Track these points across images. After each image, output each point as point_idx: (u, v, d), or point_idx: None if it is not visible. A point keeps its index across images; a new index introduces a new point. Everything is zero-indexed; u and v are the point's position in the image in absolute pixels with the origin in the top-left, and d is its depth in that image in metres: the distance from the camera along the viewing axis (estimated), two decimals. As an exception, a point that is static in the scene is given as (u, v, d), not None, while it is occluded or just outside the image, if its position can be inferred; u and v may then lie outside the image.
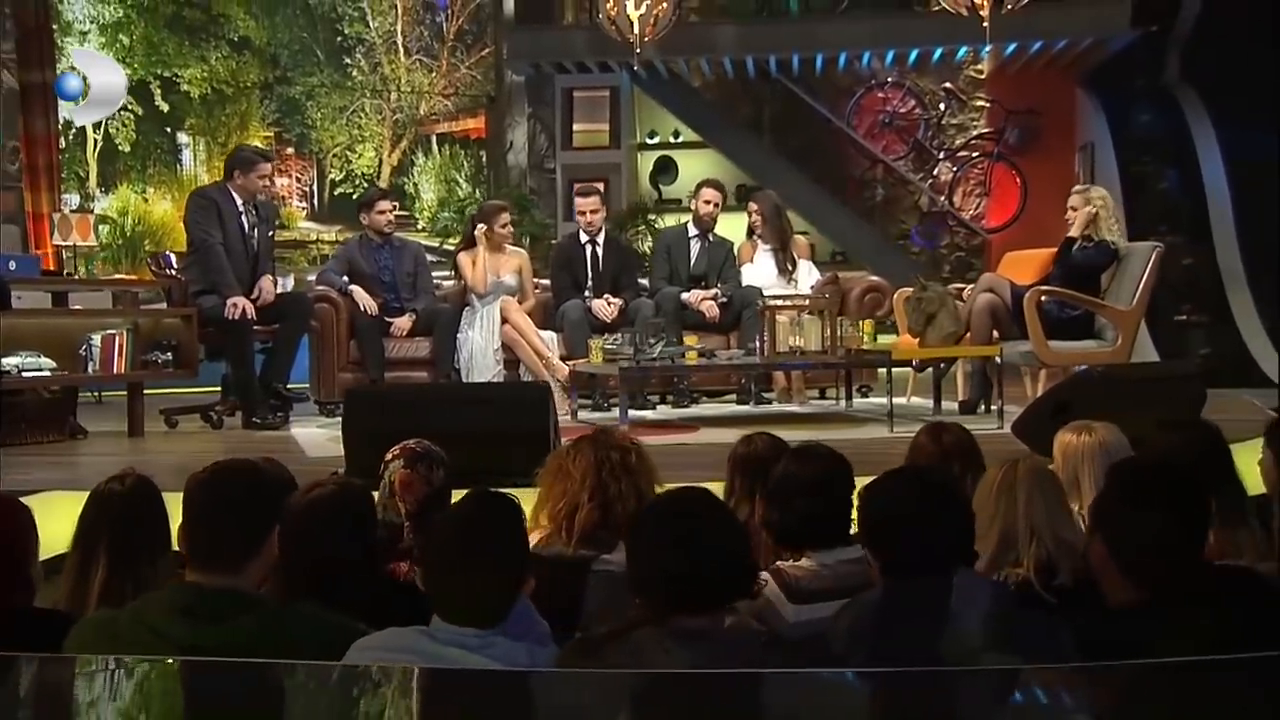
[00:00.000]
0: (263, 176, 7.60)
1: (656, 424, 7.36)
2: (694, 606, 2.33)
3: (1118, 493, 2.54)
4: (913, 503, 2.50)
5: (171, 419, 7.46)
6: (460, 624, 2.38)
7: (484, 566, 2.39)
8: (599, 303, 8.18)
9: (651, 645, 2.29)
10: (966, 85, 13.17)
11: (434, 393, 6.16)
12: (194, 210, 7.38)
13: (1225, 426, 5.29)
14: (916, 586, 2.41)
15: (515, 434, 4.23)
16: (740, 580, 2.38)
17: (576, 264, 8.41)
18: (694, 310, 8.20)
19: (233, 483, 2.59)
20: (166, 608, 2.47)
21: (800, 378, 8.23)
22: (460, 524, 2.49)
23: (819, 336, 6.79)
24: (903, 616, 2.38)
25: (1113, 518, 2.49)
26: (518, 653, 2.43)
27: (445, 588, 2.40)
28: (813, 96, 12.92)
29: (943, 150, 13.16)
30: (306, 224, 12.90)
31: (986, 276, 7.67)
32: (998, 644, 2.30)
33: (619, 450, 3.49)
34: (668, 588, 2.34)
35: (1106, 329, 7.23)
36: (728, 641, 2.35)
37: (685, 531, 2.36)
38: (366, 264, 8.12)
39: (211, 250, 7.26)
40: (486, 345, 7.89)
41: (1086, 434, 3.72)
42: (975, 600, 2.35)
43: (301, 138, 12.99)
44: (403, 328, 7.95)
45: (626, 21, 9.91)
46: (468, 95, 13.30)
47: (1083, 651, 2.36)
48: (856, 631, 2.41)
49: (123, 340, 6.88)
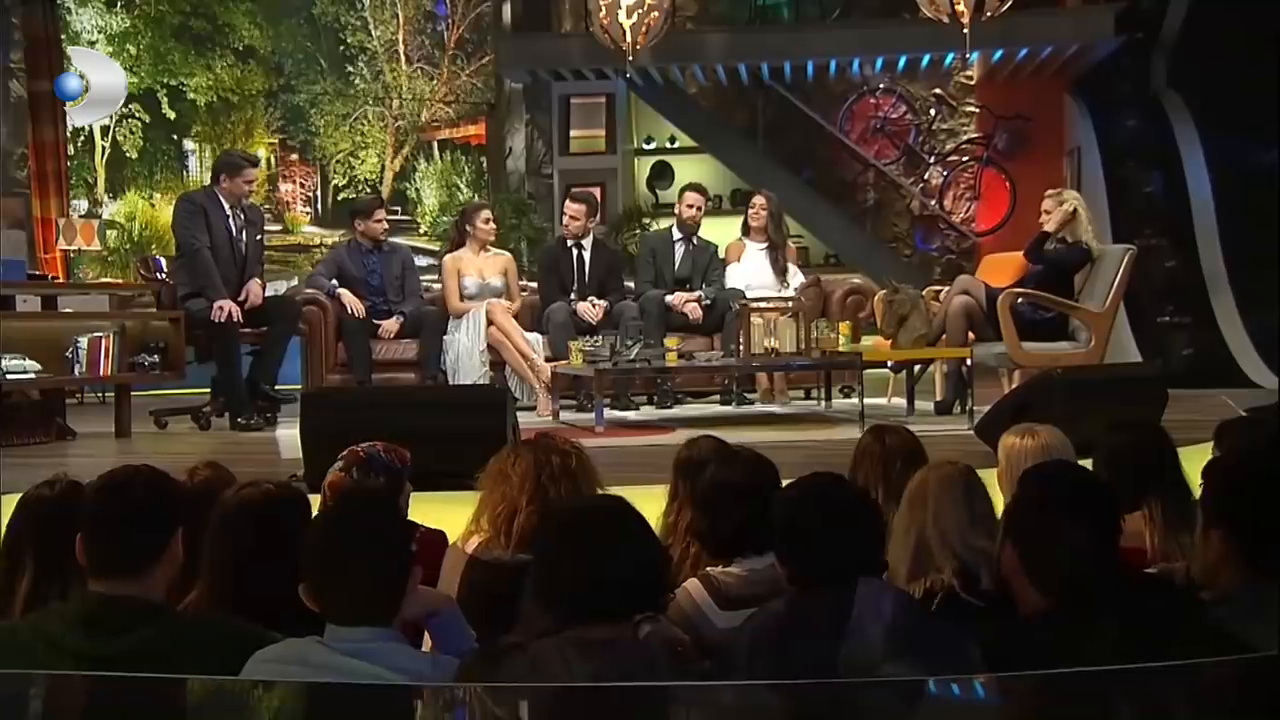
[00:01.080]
0: (249, 181, 7.52)
1: (634, 425, 7.27)
2: (597, 617, 2.22)
3: (1025, 499, 2.43)
4: (817, 512, 2.39)
5: (161, 420, 7.40)
6: (351, 624, 2.28)
7: (359, 562, 2.29)
8: (584, 305, 8.09)
9: (552, 657, 2.18)
10: (957, 91, 13.04)
11: (392, 395, 6.06)
12: (181, 215, 7.31)
13: (1196, 427, 5.20)
14: (819, 596, 2.30)
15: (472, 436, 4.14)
16: (646, 592, 2.26)
17: (563, 267, 8.33)
18: (678, 312, 8.11)
19: (129, 488, 2.49)
20: (66, 618, 2.38)
21: (783, 378, 8.13)
22: (330, 525, 2.38)
23: (794, 338, 6.68)
24: (804, 627, 2.27)
25: (1021, 525, 2.38)
26: (420, 661, 2.33)
27: (326, 590, 2.30)
28: (806, 103, 12.82)
29: (933, 155, 13.03)
30: (310, 229, 12.82)
31: (962, 279, 7.56)
32: (899, 655, 2.19)
33: (560, 454, 3.38)
34: (570, 598, 2.23)
35: (1080, 330, 7.10)
36: (633, 654, 2.24)
37: (589, 540, 2.24)
38: (355, 268, 8.05)
39: (198, 255, 7.19)
40: (472, 347, 7.81)
41: (1030, 437, 3.61)
42: (879, 611, 2.24)
43: (305, 144, 12.90)
44: (390, 330, 7.87)
45: (619, 29, 9.82)
46: (469, 102, 13.22)
47: (990, 662, 2.25)
48: (758, 642, 2.30)
49: (109, 343, 6.80)
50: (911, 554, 2.89)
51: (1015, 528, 2.40)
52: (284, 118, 12.83)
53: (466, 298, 8.06)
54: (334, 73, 12.86)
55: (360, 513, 2.41)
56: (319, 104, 12.83)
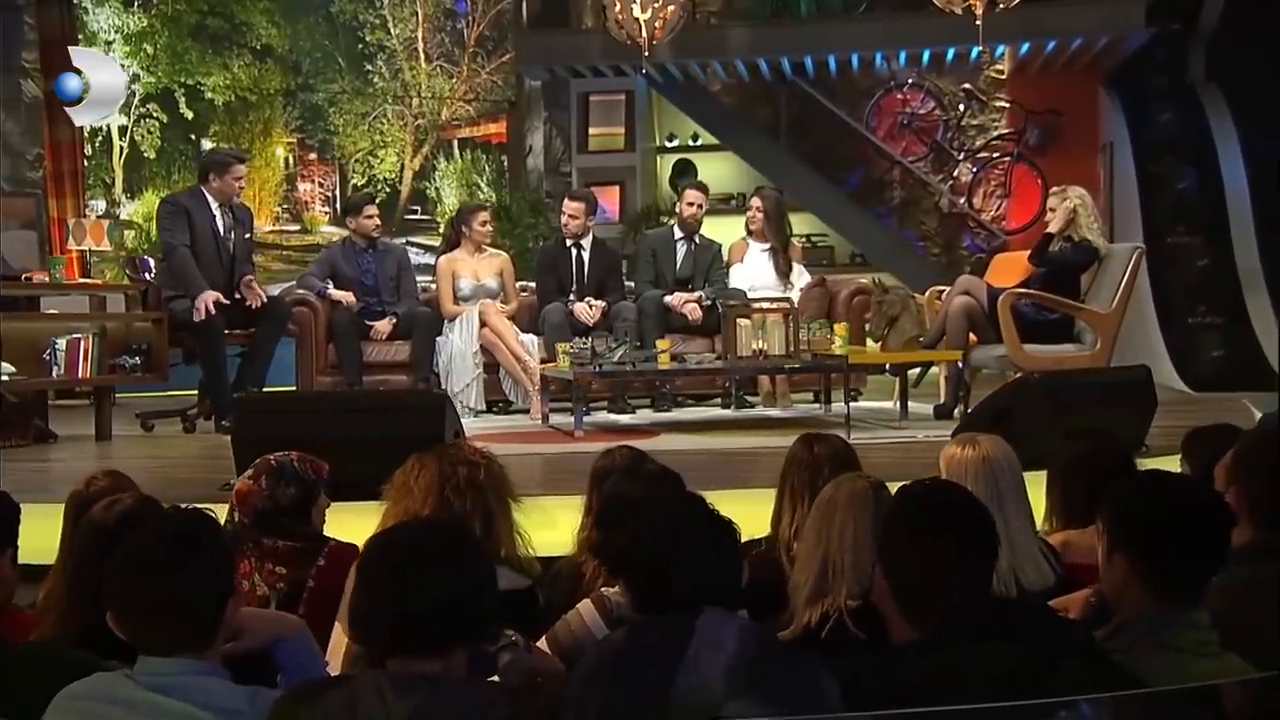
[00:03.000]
0: (239, 178, 7.46)
1: (619, 429, 7.08)
2: (415, 649, 2.05)
3: (893, 521, 2.23)
4: (661, 533, 2.20)
5: (147, 423, 7.33)
6: (161, 655, 2.13)
7: (163, 588, 2.14)
8: (580, 306, 7.94)
9: (369, 693, 2.01)
10: (987, 86, 12.73)
11: (328, 400, 5.90)
12: (162, 217, 7.27)
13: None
14: (656, 627, 2.11)
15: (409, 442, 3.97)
16: (466, 622, 2.07)
17: (562, 267, 8.18)
18: (677, 313, 7.93)
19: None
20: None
21: (785, 381, 7.92)
22: (132, 548, 2.22)
23: (782, 340, 6.48)
24: (636, 661, 2.08)
25: (887, 549, 2.19)
26: (236, 697, 2.17)
27: (128, 618, 2.16)
28: (831, 99, 12.55)
29: (963, 151, 12.72)
30: (328, 228, 12.74)
31: (963, 279, 7.32)
32: (743, 692, 2.00)
33: (467, 465, 3.22)
34: (380, 629, 2.06)
35: (1085, 332, 6.84)
36: (459, 690, 2.06)
37: (399, 568, 2.06)
38: (349, 268, 7.96)
39: (175, 253, 7.12)
40: (465, 349, 7.69)
41: (970, 447, 3.39)
42: (721, 642, 2.05)
43: (324, 143, 12.83)
44: (382, 331, 7.77)
45: (634, 25, 9.66)
46: (489, 100, 13.09)
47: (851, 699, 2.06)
48: (590, 677, 2.11)
49: (88, 345, 6.73)
50: (815, 575, 2.70)
51: (881, 551, 2.20)
52: (302, 117, 12.77)
53: (461, 299, 7.94)
54: (352, 71, 12.78)
55: (166, 534, 2.25)
56: (337, 103, 12.76)
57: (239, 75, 12.43)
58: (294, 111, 12.76)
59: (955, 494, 2.30)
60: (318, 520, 3.35)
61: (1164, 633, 2.28)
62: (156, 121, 12.21)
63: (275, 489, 3.30)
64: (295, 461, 3.37)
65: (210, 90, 12.34)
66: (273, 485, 3.30)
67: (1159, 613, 2.30)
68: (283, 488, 3.31)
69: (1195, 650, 2.28)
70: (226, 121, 12.50)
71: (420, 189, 12.98)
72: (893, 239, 12.55)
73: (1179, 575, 2.29)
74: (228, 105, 12.45)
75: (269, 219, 12.54)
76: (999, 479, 3.27)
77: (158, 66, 12.15)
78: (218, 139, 12.41)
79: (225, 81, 12.38)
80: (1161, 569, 2.29)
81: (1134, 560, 2.31)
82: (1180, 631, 2.29)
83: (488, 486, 3.20)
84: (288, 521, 3.24)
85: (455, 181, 13.00)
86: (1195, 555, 2.29)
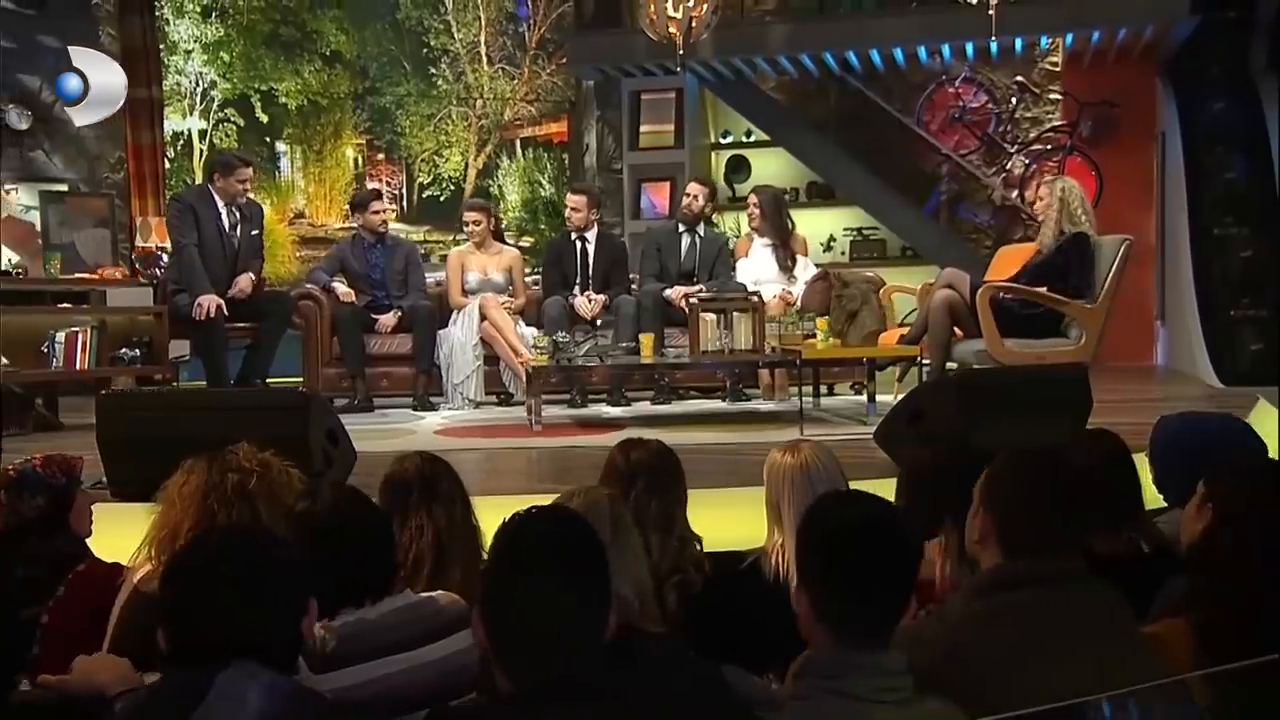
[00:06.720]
0: (243, 180, 7.28)
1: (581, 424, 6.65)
2: None
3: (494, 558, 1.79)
4: (190, 576, 1.79)
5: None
6: None
7: None
8: (580, 300, 7.58)
9: None
10: (1041, 78, 11.98)
11: (188, 398, 5.50)
12: (170, 215, 7.18)
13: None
14: (175, 682, 1.72)
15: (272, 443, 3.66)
16: None
17: (566, 261, 7.83)
18: (677, 307, 7.50)
19: None
20: None
21: (783, 375, 7.44)
22: None
23: (748, 335, 6.02)
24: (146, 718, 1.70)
25: (486, 589, 1.75)
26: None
27: None
28: (883, 94, 11.94)
29: (1015, 144, 11.99)
30: (396, 226, 12.57)
31: (947, 272, 6.76)
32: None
33: (239, 472, 2.86)
34: None
35: (1073, 326, 6.23)
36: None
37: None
38: (358, 262, 7.73)
39: (183, 251, 6.99)
40: (466, 341, 7.40)
41: (791, 454, 2.96)
42: (242, 702, 1.65)
43: (391, 144, 12.70)
44: (387, 324, 7.54)
45: (667, 24, 9.27)
46: (550, 100, 12.78)
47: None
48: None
49: (87, 337, 6.58)
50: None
51: (482, 593, 1.78)
52: (370, 119, 12.65)
53: (468, 293, 7.66)
54: (418, 75, 12.62)
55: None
56: (404, 105, 12.62)
57: (310, 80, 12.36)
58: (362, 114, 12.66)
59: (556, 525, 1.84)
60: (79, 525, 3.00)
61: (840, 680, 1.82)
62: (234, 125, 12.20)
63: (18, 502, 2.94)
64: (39, 467, 3.01)
65: (283, 95, 12.30)
66: (14, 499, 2.94)
67: (838, 655, 1.84)
68: (26, 500, 2.95)
69: (874, 698, 1.82)
70: (299, 124, 12.45)
71: (484, 186, 12.73)
72: (942, 233, 11.89)
73: (855, 613, 1.83)
74: (300, 109, 12.39)
75: (339, 217, 12.43)
76: (816, 487, 2.83)
77: (234, 73, 12.13)
78: (291, 141, 12.35)
79: (297, 86, 12.32)
80: (838, 607, 1.83)
81: (813, 596, 1.86)
82: (861, 677, 1.83)
83: (260, 495, 2.84)
84: (35, 541, 2.88)
85: (518, 179, 12.75)
86: (871, 591, 1.82)
